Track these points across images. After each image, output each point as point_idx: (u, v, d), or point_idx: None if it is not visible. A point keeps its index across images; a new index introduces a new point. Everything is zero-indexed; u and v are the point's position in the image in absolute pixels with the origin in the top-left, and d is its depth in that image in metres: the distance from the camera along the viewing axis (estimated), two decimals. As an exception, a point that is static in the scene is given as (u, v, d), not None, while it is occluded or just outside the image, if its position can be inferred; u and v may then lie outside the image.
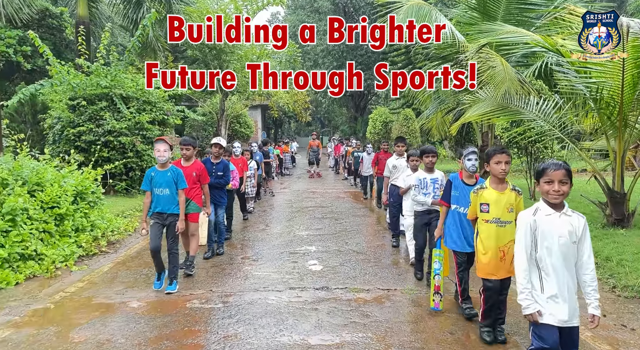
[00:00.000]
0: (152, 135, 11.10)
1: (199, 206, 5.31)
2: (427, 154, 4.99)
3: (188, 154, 5.29)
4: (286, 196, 12.39)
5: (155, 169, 4.71)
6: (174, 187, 4.66)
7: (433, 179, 4.94)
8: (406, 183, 5.57)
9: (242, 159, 8.19)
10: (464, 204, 3.94)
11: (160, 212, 4.66)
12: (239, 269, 5.54)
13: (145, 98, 11.44)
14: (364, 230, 7.87)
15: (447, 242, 4.15)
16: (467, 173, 4.00)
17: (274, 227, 8.12)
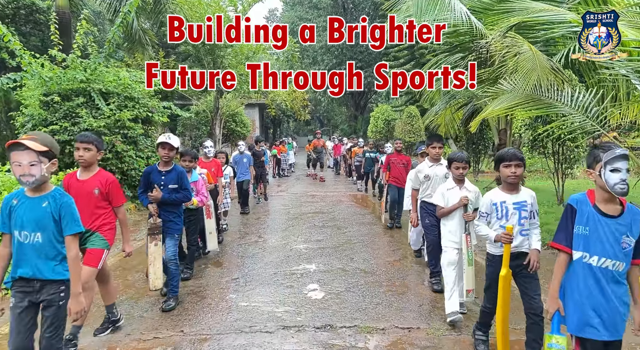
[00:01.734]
0: (135, 134, 10.08)
1: (105, 241, 3.44)
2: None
3: (86, 158, 3.34)
4: (283, 200, 11.35)
5: (23, 194, 2.56)
6: (55, 229, 2.52)
7: (519, 202, 3.09)
8: (447, 200, 3.90)
9: (215, 162, 6.53)
10: (602, 250, 2.32)
11: (26, 277, 2.51)
12: (222, 296, 4.50)
13: (127, 94, 10.39)
14: (372, 243, 6.83)
15: (570, 322, 2.39)
16: (606, 194, 2.31)
17: (268, 239, 7.08)
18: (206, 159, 6.49)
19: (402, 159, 7.62)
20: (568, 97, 6.20)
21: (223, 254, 6.20)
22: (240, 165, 8.97)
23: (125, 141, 9.90)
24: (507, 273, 2.99)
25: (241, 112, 22.26)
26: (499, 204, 3.12)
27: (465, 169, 3.82)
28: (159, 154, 4.26)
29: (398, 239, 7.05)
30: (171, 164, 4.26)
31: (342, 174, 18.44)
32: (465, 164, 3.81)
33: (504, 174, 3.06)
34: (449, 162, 3.91)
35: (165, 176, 4.20)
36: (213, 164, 6.45)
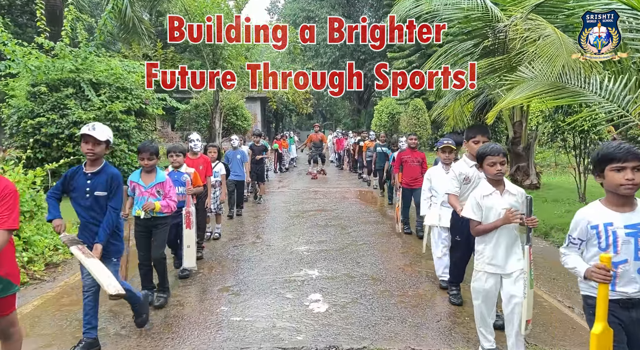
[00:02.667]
0: (127, 126, 9.55)
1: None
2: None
3: None
4: (284, 197, 10.81)
5: None
6: None
7: (635, 225, 2.09)
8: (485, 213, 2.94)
9: (204, 159, 5.62)
10: None
11: None
12: (212, 310, 3.96)
13: (119, 84, 9.86)
14: (379, 244, 6.29)
15: None
16: None
17: (267, 240, 6.55)
18: (193, 155, 5.56)
19: (417, 156, 6.76)
20: (596, 84, 5.62)
21: (217, 256, 5.66)
22: (234, 163, 7.91)
23: (116, 134, 9.37)
24: (605, 331, 1.96)
25: (242, 106, 21.70)
26: (601, 228, 2.11)
27: (504, 165, 2.89)
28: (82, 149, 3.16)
29: (407, 240, 6.51)
30: (100, 162, 3.15)
31: (345, 168, 17.87)
32: (503, 158, 2.86)
33: (614, 180, 2.07)
34: (479, 158, 2.95)
35: (92, 180, 3.10)
36: (201, 161, 5.53)
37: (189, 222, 4.61)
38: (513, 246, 2.94)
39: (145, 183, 3.93)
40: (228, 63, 18.72)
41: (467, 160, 3.76)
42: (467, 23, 9.28)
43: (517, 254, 2.93)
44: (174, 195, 4.05)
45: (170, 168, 4.70)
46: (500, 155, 2.85)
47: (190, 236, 4.64)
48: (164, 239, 4.07)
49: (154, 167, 3.95)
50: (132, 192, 3.98)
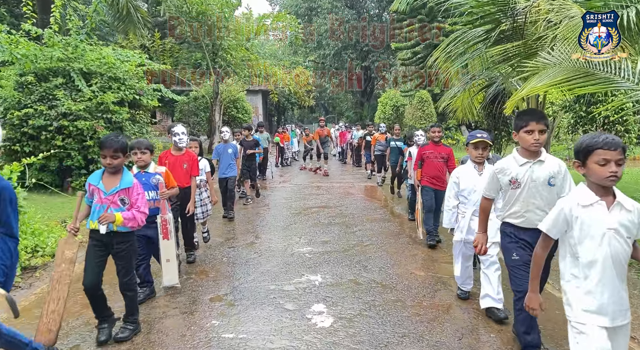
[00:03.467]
0: (120, 118, 9.06)
1: None
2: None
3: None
4: (285, 192, 10.33)
5: None
6: None
7: None
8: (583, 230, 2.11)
9: (189, 156, 4.80)
10: None
11: None
12: (202, 324, 3.49)
13: (112, 74, 9.35)
14: (387, 245, 5.80)
15: None
16: None
17: (266, 240, 6.08)
18: (177, 150, 4.78)
19: (442, 151, 5.78)
20: (628, 70, 5.10)
21: (211, 259, 5.20)
22: (224, 157, 7.23)
23: (108, 127, 8.89)
24: None
25: (242, 98, 21.19)
26: None
27: (621, 167, 2.06)
28: None
29: (417, 239, 6.02)
30: None
31: (348, 162, 17.37)
32: (621, 155, 2.04)
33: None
34: (582, 151, 2.08)
35: None
36: (186, 158, 4.76)
37: (167, 231, 3.88)
38: None
39: (107, 188, 3.07)
40: (228, 54, 18.20)
41: (517, 156, 2.87)
42: (479, 7, 8.72)
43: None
44: (143, 205, 3.16)
45: (136, 169, 3.83)
46: (618, 151, 2.00)
47: (169, 248, 3.90)
48: (130, 263, 3.22)
49: (119, 168, 3.14)
50: (90, 199, 3.13)
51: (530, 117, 2.82)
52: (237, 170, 7.44)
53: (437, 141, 5.88)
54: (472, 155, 3.84)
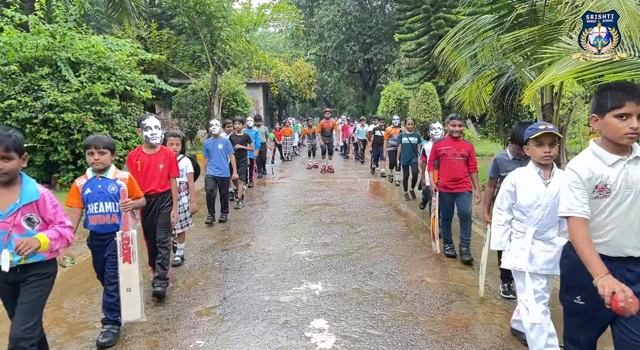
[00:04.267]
0: (110, 111, 8.59)
1: None
2: None
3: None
4: (285, 189, 9.87)
5: None
6: None
7: None
8: None
9: (165, 154, 3.90)
10: None
11: None
12: (185, 345, 3.03)
13: (101, 63, 8.86)
14: (394, 247, 5.33)
15: None
16: None
17: (262, 241, 5.61)
18: (150, 148, 3.85)
19: (461, 148, 4.79)
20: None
21: (201, 264, 4.74)
22: (214, 155, 6.49)
23: (97, 119, 8.43)
24: None
25: (242, 91, 20.68)
26: None
27: None
28: None
29: (426, 240, 5.55)
30: None
31: (351, 157, 16.88)
32: None
33: None
34: None
35: None
36: (161, 157, 3.84)
37: (128, 252, 3.02)
38: None
39: (1, 206, 2.23)
40: (227, 45, 17.67)
41: (602, 152, 1.97)
42: (492, -7, 8.20)
43: None
44: (64, 216, 2.39)
45: (90, 173, 3.03)
46: None
47: (131, 274, 3.04)
48: (39, 306, 2.33)
49: (14, 175, 2.27)
50: None
51: (627, 94, 1.89)
52: (230, 169, 6.65)
53: (456, 136, 4.81)
54: (536, 155, 2.65)
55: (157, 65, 18.44)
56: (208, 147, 6.55)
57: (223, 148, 6.52)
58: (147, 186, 3.74)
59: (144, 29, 17.41)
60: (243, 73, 20.35)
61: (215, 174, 6.48)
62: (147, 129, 3.80)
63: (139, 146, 3.98)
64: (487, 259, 3.65)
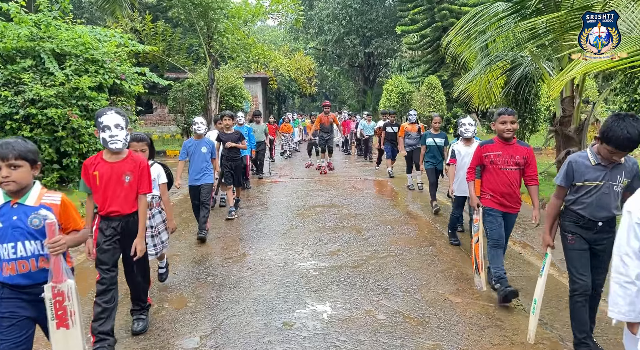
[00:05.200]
0: (98, 106, 8.00)
1: None
2: None
3: None
4: (285, 188, 9.32)
5: None
6: None
7: None
8: None
9: (134, 162, 2.91)
10: None
11: None
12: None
13: (89, 55, 8.27)
14: (408, 257, 4.79)
15: None
16: None
17: (261, 250, 5.07)
18: (112, 155, 2.87)
19: (515, 153, 3.60)
20: None
21: (192, 278, 4.19)
22: (196, 158, 5.45)
23: (84, 115, 7.86)
24: None
25: (240, 85, 20.08)
26: None
27: None
28: None
29: (444, 249, 5.02)
30: None
31: (353, 153, 16.31)
32: None
33: None
34: None
35: None
36: (129, 165, 2.89)
37: (64, 314, 2.06)
38: None
39: None
40: (224, 37, 17.05)
41: None
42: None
43: None
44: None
45: (2, 196, 2.08)
46: None
47: (69, 343, 2.07)
48: None
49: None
50: None
51: None
52: (213, 175, 5.62)
53: (508, 138, 3.58)
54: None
55: (152, 59, 17.86)
56: (189, 149, 5.49)
57: (207, 151, 5.48)
58: (109, 206, 2.82)
59: (138, 21, 16.78)
60: (241, 67, 19.74)
61: (197, 183, 5.45)
62: (104, 129, 2.77)
63: (100, 151, 2.96)
64: (542, 294, 2.87)
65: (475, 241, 3.77)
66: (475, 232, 3.81)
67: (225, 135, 6.61)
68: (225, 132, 6.63)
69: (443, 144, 6.73)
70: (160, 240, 3.67)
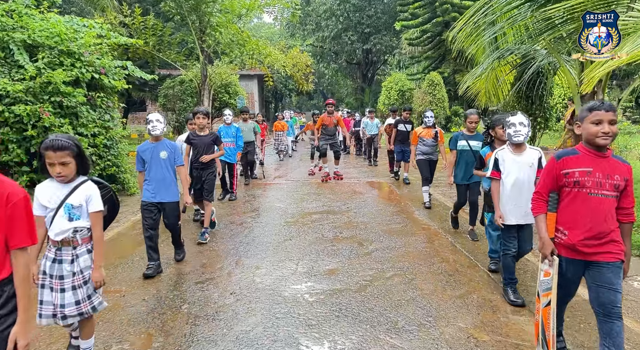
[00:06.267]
0: (73, 102, 7.31)
1: None
2: None
3: None
4: (280, 192, 8.64)
5: None
6: None
7: None
8: None
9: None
10: None
11: None
12: None
13: (64, 47, 7.56)
14: (418, 277, 4.13)
15: None
16: None
17: (248, 267, 4.39)
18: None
19: (614, 170, 2.41)
20: None
21: (164, 306, 3.51)
22: (154, 167, 4.19)
23: (58, 113, 7.15)
24: None
25: (235, 82, 19.37)
26: None
27: None
28: None
29: (459, 266, 4.36)
30: None
31: (352, 153, 15.64)
32: None
33: None
34: None
35: None
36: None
37: None
38: None
39: None
40: (217, 31, 16.34)
41: None
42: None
43: None
44: None
45: None
46: None
47: None
48: None
49: None
50: None
51: None
52: (179, 189, 4.34)
53: (603, 145, 2.39)
54: None
55: (143, 55, 17.12)
56: (144, 155, 4.18)
57: (167, 158, 4.21)
58: None
59: (127, 13, 16.04)
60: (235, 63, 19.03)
61: (159, 199, 4.16)
62: None
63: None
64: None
65: (544, 304, 2.59)
66: (545, 291, 2.59)
67: (197, 138, 5.37)
68: (198, 134, 5.43)
69: (479, 149, 4.82)
70: (87, 293, 2.46)
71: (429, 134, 7.10)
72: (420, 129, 7.20)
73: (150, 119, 4.17)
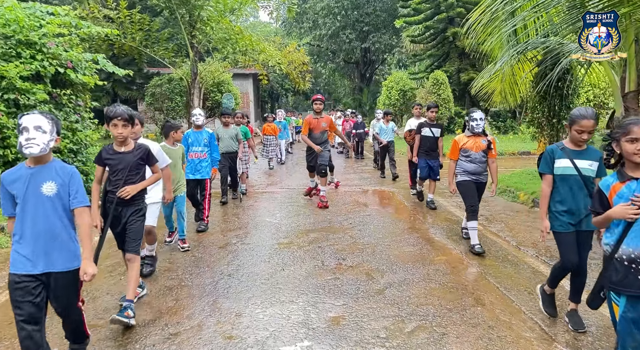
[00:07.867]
0: (32, 101, 6.30)
1: None
2: None
3: None
4: (272, 202, 7.64)
5: None
6: None
7: None
8: None
9: None
10: None
11: None
12: None
13: (22, 36, 6.55)
14: (449, 329, 3.14)
15: None
16: None
17: (227, 316, 3.39)
18: None
19: None
20: None
21: None
22: (31, 210, 2.37)
23: (13, 113, 6.13)
24: None
25: (228, 81, 18.38)
26: None
27: None
28: None
29: (498, 310, 3.38)
30: None
31: (351, 156, 14.66)
32: None
33: None
34: None
35: None
36: None
37: None
38: None
39: None
40: (207, 26, 15.34)
41: None
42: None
43: None
44: None
45: None
46: None
47: None
48: None
49: None
50: None
51: None
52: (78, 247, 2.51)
53: None
54: None
55: (129, 51, 16.06)
56: (12, 189, 2.39)
57: (57, 193, 2.43)
58: None
59: (112, 6, 14.99)
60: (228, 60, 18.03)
61: (31, 271, 2.37)
62: None
63: None
64: None
65: None
66: None
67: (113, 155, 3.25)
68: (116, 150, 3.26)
69: (596, 174, 3.04)
70: None
71: (478, 145, 4.87)
72: (463, 138, 4.97)
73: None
